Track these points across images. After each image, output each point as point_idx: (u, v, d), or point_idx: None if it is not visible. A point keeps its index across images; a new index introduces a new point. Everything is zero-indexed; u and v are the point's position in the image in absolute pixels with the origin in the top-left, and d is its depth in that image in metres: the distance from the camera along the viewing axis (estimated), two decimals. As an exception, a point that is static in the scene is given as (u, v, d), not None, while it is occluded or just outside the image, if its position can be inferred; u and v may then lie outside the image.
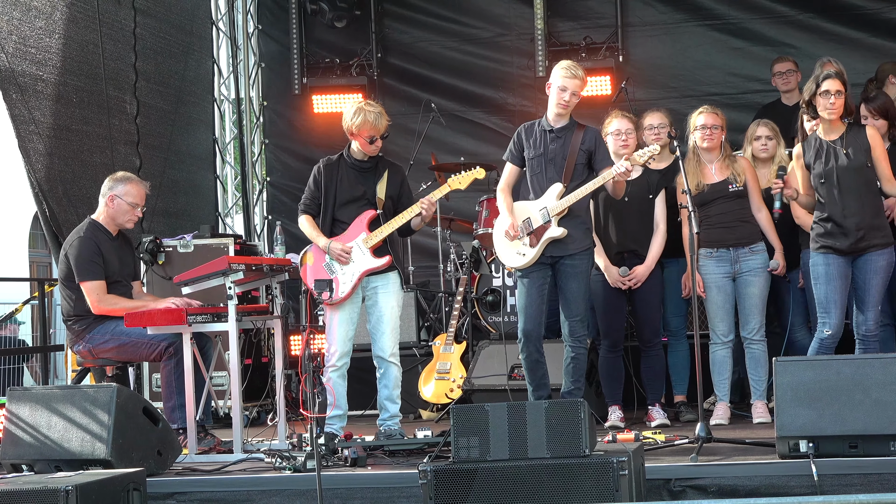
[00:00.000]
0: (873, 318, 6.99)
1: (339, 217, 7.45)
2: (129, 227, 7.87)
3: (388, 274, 7.43)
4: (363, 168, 7.49)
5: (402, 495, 6.11)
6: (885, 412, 5.97)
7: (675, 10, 11.11)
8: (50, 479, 5.96)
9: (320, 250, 7.41)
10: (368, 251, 7.36)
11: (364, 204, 7.45)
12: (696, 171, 7.67)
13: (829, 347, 6.96)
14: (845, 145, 6.97)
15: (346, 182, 7.46)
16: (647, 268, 7.75)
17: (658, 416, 7.85)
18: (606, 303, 7.84)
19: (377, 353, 7.41)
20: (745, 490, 5.88)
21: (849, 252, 6.95)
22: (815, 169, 7.00)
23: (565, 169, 7.24)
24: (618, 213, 7.81)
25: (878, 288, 6.99)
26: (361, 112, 7.37)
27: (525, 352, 7.29)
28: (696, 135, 7.71)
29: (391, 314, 7.40)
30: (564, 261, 7.23)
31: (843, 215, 6.93)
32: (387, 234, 7.37)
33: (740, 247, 7.61)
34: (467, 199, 10.09)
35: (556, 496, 5.50)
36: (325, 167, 7.51)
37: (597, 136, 7.35)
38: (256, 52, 11.98)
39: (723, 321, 7.65)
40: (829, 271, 6.95)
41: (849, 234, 6.93)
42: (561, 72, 7.26)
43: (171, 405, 7.40)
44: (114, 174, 7.88)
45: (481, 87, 11.48)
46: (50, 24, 9.07)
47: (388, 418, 7.41)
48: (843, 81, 6.98)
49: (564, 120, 7.33)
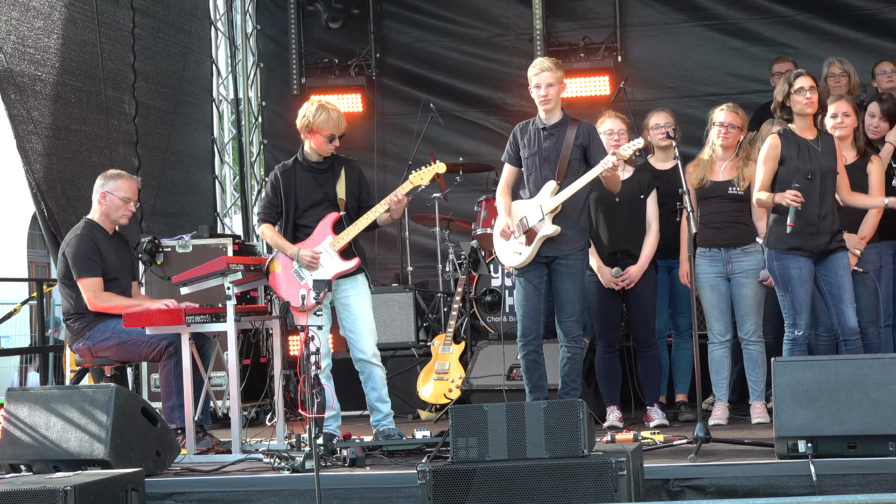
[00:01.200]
0: (853, 314, 6.97)
1: (301, 222, 7.41)
2: (123, 223, 7.87)
3: (355, 276, 7.41)
4: (320, 169, 7.45)
5: (400, 495, 6.10)
6: (883, 412, 5.98)
7: (673, 10, 11.11)
8: (48, 480, 5.96)
9: (287, 258, 7.38)
10: (336, 254, 7.33)
11: (326, 206, 7.41)
12: (707, 166, 7.67)
13: (803, 346, 6.99)
14: (821, 146, 7.00)
15: (304, 186, 7.41)
16: (640, 268, 7.75)
17: (656, 417, 7.85)
18: (601, 303, 7.85)
19: (358, 357, 7.37)
20: (743, 490, 5.88)
21: (817, 254, 6.94)
22: (800, 165, 6.95)
23: (559, 166, 7.24)
24: (609, 213, 7.82)
25: (850, 285, 6.99)
26: (324, 109, 7.34)
27: (524, 351, 7.29)
28: (714, 131, 7.71)
29: (366, 316, 7.38)
30: (559, 260, 7.22)
31: (820, 216, 6.91)
32: (353, 235, 7.35)
33: (732, 247, 7.61)
34: (466, 199, 10.10)
35: (555, 496, 5.49)
36: (283, 173, 7.46)
37: (591, 131, 7.34)
38: (255, 52, 11.97)
39: (718, 321, 7.65)
40: (802, 275, 6.92)
41: (819, 235, 6.91)
42: (531, 71, 7.31)
43: (170, 405, 7.40)
44: (104, 172, 7.88)
45: (480, 88, 11.49)
46: (48, 25, 9.07)
47: (381, 418, 7.40)
48: (814, 78, 7.03)
49: (556, 116, 7.32)
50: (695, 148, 8.20)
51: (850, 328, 6.95)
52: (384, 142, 11.43)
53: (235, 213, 12.12)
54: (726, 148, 7.70)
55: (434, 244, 10.33)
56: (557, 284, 7.25)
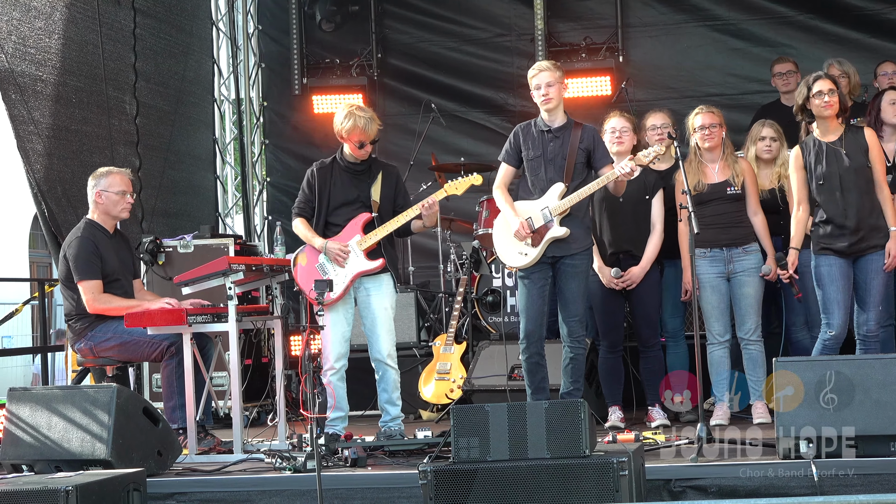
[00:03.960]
0: (874, 318, 7.02)
1: (332, 220, 7.44)
2: (125, 216, 7.87)
3: (380, 276, 7.42)
4: (357, 170, 7.48)
5: (402, 496, 6.11)
6: (885, 413, 5.99)
7: (674, 10, 11.11)
8: (50, 480, 5.97)
9: (314, 251, 7.40)
10: (362, 253, 7.35)
11: (358, 206, 7.44)
12: (698, 171, 7.67)
13: (832, 349, 6.98)
14: (845, 146, 6.99)
15: (339, 185, 7.45)
16: (643, 269, 7.74)
17: (658, 417, 7.84)
18: (605, 303, 7.84)
19: (374, 356, 7.41)
20: (745, 490, 5.88)
21: (849, 253, 6.97)
22: (816, 171, 7.02)
23: (566, 168, 7.24)
24: (612, 213, 7.80)
25: (879, 288, 7.02)
26: (352, 116, 7.35)
27: (526, 353, 7.29)
28: (696, 136, 7.72)
29: (385, 316, 7.39)
30: (565, 260, 7.23)
31: (845, 216, 6.96)
32: (381, 236, 7.36)
33: (734, 247, 7.61)
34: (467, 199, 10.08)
35: (557, 497, 5.50)
36: (319, 171, 7.50)
37: (595, 135, 7.36)
38: (256, 52, 11.98)
39: (718, 321, 7.64)
40: (832, 272, 6.98)
41: (849, 234, 6.95)
42: (530, 73, 7.35)
43: (172, 405, 7.40)
44: (93, 172, 7.87)
45: (481, 88, 11.49)
46: (49, 25, 9.07)
47: (389, 420, 7.42)
48: (834, 81, 7.03)
49: (560, 118, 7.33)
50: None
51: (866, 331, 6.98)
52: (385, 142, 11.38)
53: (237, 213, 12.12)
54: (713, 149, 7.69)
55: (435, 244, 10.33)
56: (562, 284, 7.25)
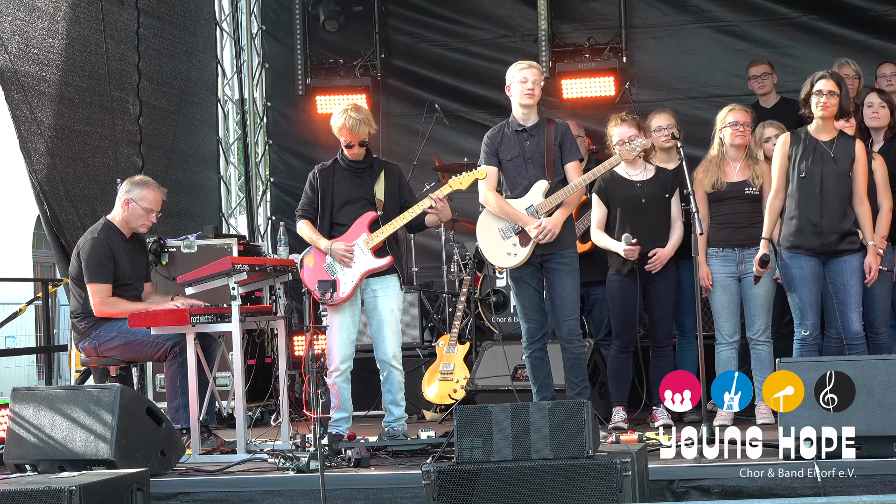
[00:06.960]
0: (858, 319, 6.99)
1: (337, 220, 7.44)
2: (142, 232, 7.88)
3: (387, 276, 7.42)
4: (358, 169, 7.47)
5: (405, 496, 6.11)
6: (888, 413, 5.98)
7: (678, 11, 11.10)
8: (53, 480, 5.97)
9: (321, 252, 7.41)
10: (369, 252, 7.35)
11: (363, 205, 7.44)
12: (718, 169, 7.64)
13: (811, 346, 7.01)
14: (834, 149, 7.01)
15: (342, 184, 7.45)
16: (668, 253, 7.64)
17: (662, 417, 7.82)
18: (623, 303, 7.75)
19: (380, 357, 7.43)
20: (748, 491, 5.88)
21: (821, 253, 6.97)
22: (800, 164, 7.00)
23: (546, 165, 7.24)
24: (636, 214, 7.69)
25: (857, 288, 7.02)
26: (343, 115, 7.36)
27: (529, 350, 7.29)
28: (727, 132, 7.65)
29: (391, 317, 7.40)
30: (555, 258, 7.22)
31: (820, 215, 6.96)
32: (388, 234, 7.36)
33: (746, 247, 7.58)
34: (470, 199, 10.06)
35: (560, 497, 5.50)
36: (321, 172, 7.51)
37: (566, 130, 7.36)
38: (260, 52, 11.98)
39: (727, 321, 7.63)
40: (804, 275, 6.99)
41: (822, 234, 6.96)
42: (517, 66, 7.34)
43: (175, 405, 7.40)
44: (132, 177, 7.88)
45: (485, 89, 11.47)
46: (53, 25, 9.07)
47: (393, 420, 7.43)
48: (839, 82, 7.02)
49: (534, 116, 7.32)
50: (699, 149, 8.17)
51: (853, 332, 6.98)
52: (389, 142, 11.42)
53: (240, 213, 12.12)
54: (740, 147, 7.67)
55: (439, 245, 10.34)
56: (556, 283, 7.23)
